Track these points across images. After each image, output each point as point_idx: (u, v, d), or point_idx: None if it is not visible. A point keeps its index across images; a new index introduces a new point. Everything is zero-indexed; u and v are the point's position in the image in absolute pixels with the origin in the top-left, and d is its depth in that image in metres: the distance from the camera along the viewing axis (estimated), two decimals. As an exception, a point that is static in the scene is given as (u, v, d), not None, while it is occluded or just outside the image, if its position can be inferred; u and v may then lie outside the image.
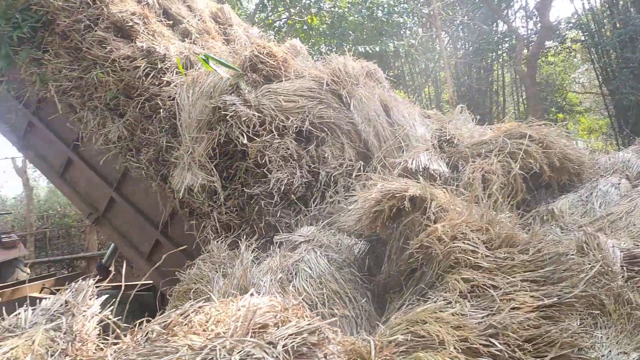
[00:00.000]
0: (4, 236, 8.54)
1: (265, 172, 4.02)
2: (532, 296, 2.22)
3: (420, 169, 3.87)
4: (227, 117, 4.09)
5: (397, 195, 2.85)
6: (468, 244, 2.51)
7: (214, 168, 4.12)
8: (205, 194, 4.11)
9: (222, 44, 5.80)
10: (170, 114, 4.54)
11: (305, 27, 13.24)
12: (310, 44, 14.13)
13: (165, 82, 4.62)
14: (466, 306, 2.21)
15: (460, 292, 2.33)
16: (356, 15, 12.19)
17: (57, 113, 5.16)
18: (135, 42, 4.73)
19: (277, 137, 4.12)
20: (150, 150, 4.59)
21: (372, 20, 12.46)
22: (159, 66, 4.65)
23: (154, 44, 4.72)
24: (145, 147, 4.65)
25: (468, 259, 2.45)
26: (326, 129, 4.35)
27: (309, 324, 1.86)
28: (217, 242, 3.91)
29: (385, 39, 11.89)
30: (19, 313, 2.38)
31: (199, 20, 5.80)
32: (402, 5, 12.56)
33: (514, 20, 17.36)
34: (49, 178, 6.18)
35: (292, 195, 4.00)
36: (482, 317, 2.15)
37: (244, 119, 4.08)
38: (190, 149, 4.21)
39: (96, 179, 5.30)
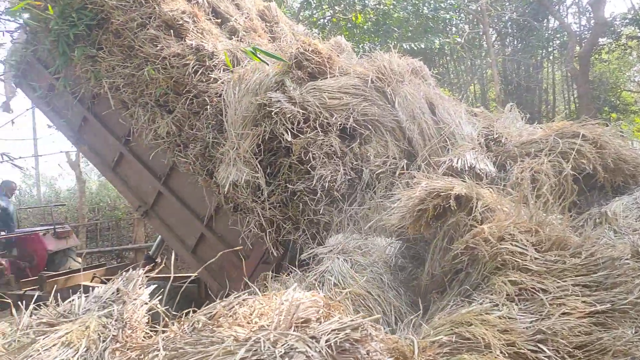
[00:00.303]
0: (58, 227, 8.95)
1: (309, 168, 4.04)
2: (583, 301, 2.14)
3: (466, 168, 3.79)
4: (272, 114, 4.14)
5: (442, 194, 2.81)
6: (516, 245, 2.44)
7: (258, 164, 4.17)
8: (250, 190, 4.17)
9: (268, 41, 5.86)
10: (217, 111, 4.63)
11: (349, 25, 13.19)
12: (354, 41, 14.08)
13: (212, 79, 4.71)
14: (514, 309, 2.15)
15: (507, 295, 2.27)
16: (401, 12, 12.04)
17: (109, 109, 5.35)
18: (185, 40, 4.84)
19: (321, 134, 4.13)
20: (197, 146, 4.69)
21: (417, 17, 12.29)
22: (207, 63, 4.75)
23: (202, 42, 4.83)
24: (192, 142, 4.75)
25: (516, 261, 2.39)
26: (370, 127, 4.33)
27: (352, 320, 1.86)
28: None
29: (431, 36, 11.70)
30: (73, 300, 2.49)
31: (246, 18, 5.88)
32: (448, 1, 12.31)
33: (566, 16, 16.77)
34: (102, 171, 6.42)
35: (335, 192, 4.00)
36: (531, 322, 2.09)
37: (289, 115, 4.11)
38: (235, 145, 4.28)
39: (145, 173, 5.46)
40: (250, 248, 4.50)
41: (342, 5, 12.87)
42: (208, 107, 4.65)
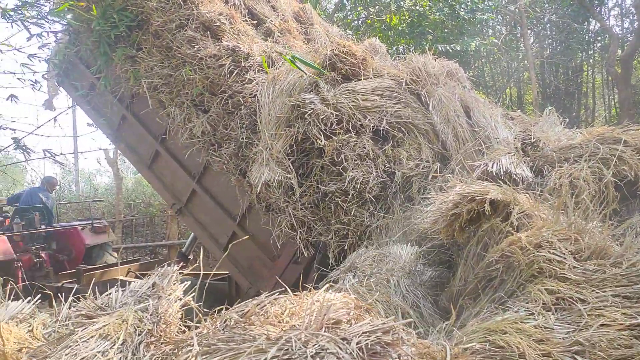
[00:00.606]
0: (96, 222, 9.21)
1: (341, 170, 4.04)
2: (623, 313, 2.06)
3: (502, 173, 3.72)
4: (305, 115, 4.16)
5: (477, 198, 2.76)
6: (554, 253, 2.38)
7: (290, 164, 4.20)
8: (282, 190, 4.20)
9: (302, 42, 5.89)
10: (251, 111, 4.68)
11: (384, 27, 13.13)
12: (388, 43, 14.00)
13: (247, 79, 4.77)
14: (550, 319, 2.09)
15: (543, 304, 2.21)
16: (437, 14, 11.90)
17: (147, 108, 5.48)
18: (222, 41, 4.92)
19: (353, 135, 4.13)
20: (230, 145, 4.75)
21: (453, 19, 12.13)
22: (243, 64, 4.81)
23: (238, 43, 4.89)
24: (226, 142, 4.82)
25: (553, 269, 2.32)
26: (403, 129, 4.30)
27: (383, 323, 1.85)
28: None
29: (467, 38, 11.52)
30: (110, 293, 2.56)
31: (281, 19, 5.93)
32: (486, 2, 12.09)
33: (608, 18, 16.24)
34: (138, 169, 6.57)
35: (367, 194, 3.99)
36: (568, 332, 2.03)
37: (322, 117, 4.13)
38: (268, 145, 4.32)
39: (180, 172, 5.56)
40: (281, 248, 4.53)
41: (377, 7, 12.81)
42: (242, 107, 4.71)
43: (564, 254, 2.38)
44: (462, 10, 11.78)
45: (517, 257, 2.45)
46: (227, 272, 5.77)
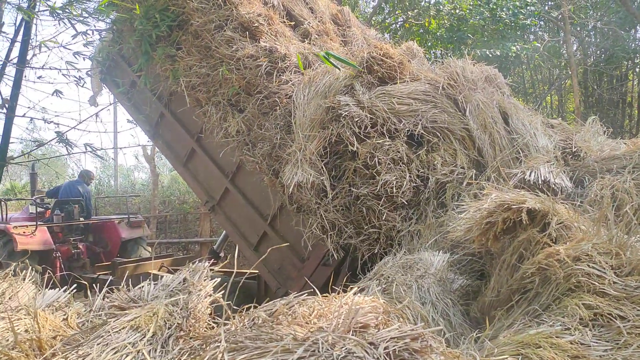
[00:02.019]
0: (132, 216, 9.44)
1: (374, 173, 4.01)
2: (667, 333, 1.97)
3: (540, 182, 3.62)
4: (340, 117, 4.15)
5: (514, 207, 2.68)
6: (593, 267, 2.29)
7: (323, 166, 4.20)
8: (314, 191, 4.19)
9: (339, 45, 5.89)
10: (286, 112, 4.71)
11: (422, 31, 12.99)
12: (426, 47, 13.85)
13: (283, 80, 4.79)
14: (587, 335, 2.02)
15: (580, 319, 2.13)
16: (478, 18, 11.68)
17: (185, 106, 5.57)
18: (259, 42, 4.96)
19: (388, 139, 4.09)
20: (265, 146, 4.77)
21: (494, 23, 11.89)
22: (279, 65, 4.84)
23: (275, 44, 4.93)
24: (260, 142, 4.85)
25: (592, 283, 2.24)
26: (439, 134, 4.23)
27: (412, 330, 1.82)
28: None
29: (508, 44, 11.26)
30: (143, 286, 2.61)
31: (319, 21, 5.94)
32: (529, 7, 11.78)
33: (657, 26, 15.57)
34: (174, 166, 6.68)
35: (399, 199, 3.94)
36: (605, 350, 1.95)
37: (356, 119, 4.11)
38: (302, 147, 4.32)
39: (214, 170, 5.62)
40: (311, 249, 4.52)
41: (416, 11, 12.69)
42: (277, 108, 4.73)
43: (604, 268, 2.29)
44: (503, 14, 11.53)
45: (554, 269, 2.37)
46: (256, 271, 5.80)
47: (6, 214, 8.28)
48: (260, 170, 4.89)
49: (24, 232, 7.50)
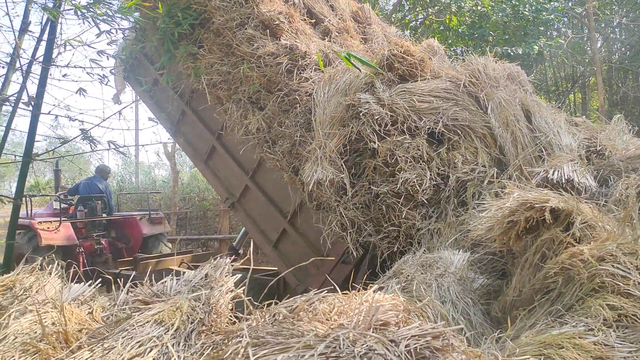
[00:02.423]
0: (153, 213, 9.58)
1: (394, 171, 4.00)
2: (694, 335, 1.93)
3: (563, 181, 3.57)
4: (360, 115, 4.14)
5: (536, 206, 2.65)
6: (618, 267, 2.25)
7: (343, 164, 4.20)
8: (333, 189, 4.20)
9: (359, 42, 5.87)
10: (306, 109, 4.72)
11: (442, 28, 12.87)
12: (446, 44, 13.71)
13: (303, 78, 4.80)
14: (611, 336, 1.99)
15: (604, 320, 2.10)
16: (500, 14, 11.51)
17: (206, 104, 5.61)
18: (280, 40, 4.98)
19: (408, 137, 4.07)
20: (285, 143, 4.79)
21: (516, 19, 11.72)
22: (300, 63, 4.85)
23: (296, 42, 4.94)
24: (280, 139, 4.86)
25: (617, 284, 2.20)
26: (460, 132, 4.20)
27: (433, 328, 1.81)
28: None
29: (530, 41, 11.07)
30: (165, 281, 2.65)
31: (339, 19, 5.94)
32: (552, 3, 11.57)
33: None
34: (195, 163, 6.74)
35: (420, 197, 3.92)
36: (630, 351, 1.92)
37: (376, 117, 4.10)
38: (322, 144, 4.33)
39: (234, 167, 5.66)
40: (330, 247, 4.53)
41: (436, 8, 12.56)
42: (298, 105, 4.74)
43: (629, 268, 2.25)
44: (525, 10, 11.34)
45: (577, 270, 2.34)
46: (275, 268, 5.84)
47: (31, 210, 8.46)
48: (280, 168, 4.90)
49: (49, 228, 7.67)
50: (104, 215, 9.07)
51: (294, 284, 5.06)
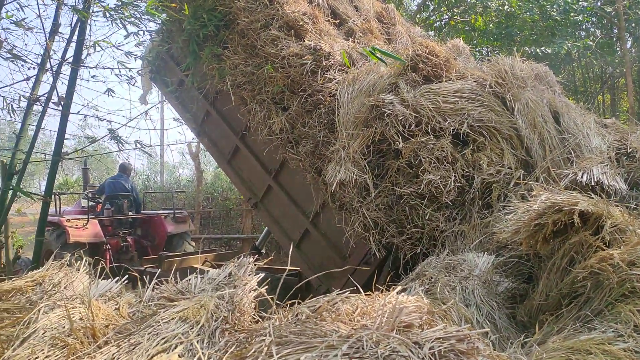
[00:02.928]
0: (178, 212, 9.69)
1: (419, 172, 3.97)
2: None
3: (592, 183, 3.49)
4: (384, 116, 4.12)
5: (565, 208, 2.60)
6: (650, 272, 2.19)
7: (366, 165, 4.18)
8: (357, 190, 4.18)
9: (384, 43, 5.85)
10: (329, 110, 4.71)
11: (467, 28, 12.72)
12: (472, 44, 13.54)
13: (327, 78, 4.80)
14: (642, 342, 1.94)
15: (635, 326, 2.05)
16: (527, 14, 11.31)
17: (230, 104, 5.65)
18: (304, 41, 4.99)
19: (432, 138, 4.04)
20: (308, 143, 4.78)
21: (544, 19, 11.50)
22: (323, 63, 4.85)
23: (320, 43, 4.94)
24: (304, 139, 4.87)
25: (649, 289, 2.14)
26: (485, 133, 4.14)
27: (458, 331, 1.79)
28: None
29: (559, 41, 10.84)
30: (190, 279, 2.69)
31: (363, 19, 5.92)
32: (580, 3, 11.32)
33: None
34: (218, 163, 6.78)
35: (443, 198, 3.88)
36: (662, 358, 1.87)
37: (400, 118, 4.07)
38: (345, 145, 4.32)
39: (257, 167, 5.68)
40: (353, 247, 4.52)
41: (462, 8, 12.41)
42: (322, 105, 4.74)
43: (662, 274, 2.19)
44: (554, 10, 11.12)
45: (607, 274, 2.29)
46: (297, 268, 5.85)
47: (60, 208, 8.66)
48: (303, 169, 4.90)
49: (77, 225, 7.83)
50: (131, 213, 9.22)
51: (316, 284, 5.06)
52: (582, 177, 3.51)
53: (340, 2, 5.85)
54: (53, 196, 7.10)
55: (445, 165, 3.96)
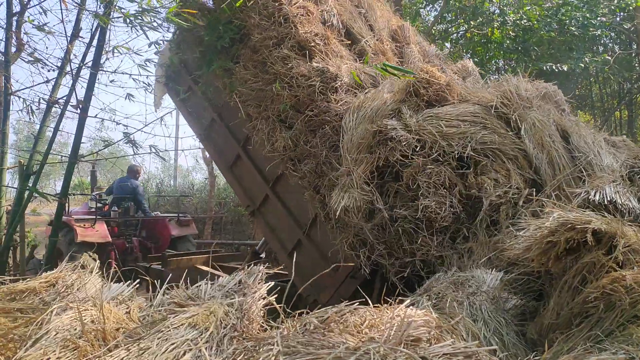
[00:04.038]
0: (182, 215, 10.01)
1: (415, 196, 3.99)
2: None
3: (605, 202, 3.45)
4: (388, 141, 4.16)
5: (578, 226, 2.58)
6: (663, 294, 2.17)
7: (374, 189, 4.18)
8: (361, 215, 4.17)
9: (395, 63, 5.85)
10: (333, 131, 4.75)
11: (484, 40, 12.69)
12: (487, 57, 13.53)
13: (333, 99, 4.82)
14: (653, 366, 1.91)
15: (646, 349, 2.02)
16: (545, 29, 11.26)
17: (236, 117, 5.70)
18: (312, 62, 5.00)
19: (434, 163, 4.05)
20: (310, 162, 4.83)
21: (562, 34, 11.45)
22: (331, 85, 4.86)
23: (327, 65, 4.95)
24: (306, 158, 4.90)
25: (661, 312, 2.12)
26: (490, 155, 4.13)
27: (466, 347, 1.79)
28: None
29: (576, 57, 10.76)
30: (200, 285, 2.71)
31: (377, 40, 5.95)
32: (599, 18, 11.23)
33: None
34: (220, 169, 6.92)
35: (437, 225, 3.90)
36: (673, 383, 1.84)
37: (404, 143, 4.10)
38: (350, 170, 4.32)
39: (257, 176, 5.74)
40: (343, 260, 4.55)
41: (479, 20, 12.40)
42: (326, 125, 4.75)
43: (675, 296, 2.16)
44: (572, 26, 11.05)
45: (619, 295, 2.26)
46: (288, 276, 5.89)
47: (68, 208, 8.86)
48: (302, 185, 4.94)
49: (84, 225, 8.03)
50: (136, 215, 9.49)
51: (304, 293, 5.10)
52: (594, 195, 3.48)
53: (355, 22, 5.86)
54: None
55: (441, 191, 3.96)
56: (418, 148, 4.09)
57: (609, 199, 3.46)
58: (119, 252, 8.50)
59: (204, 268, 7.51)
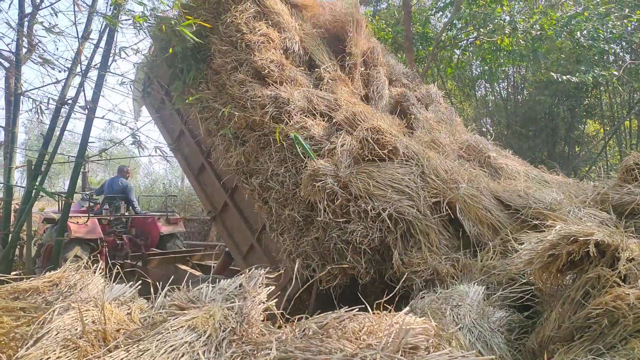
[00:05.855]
0: (170, 213, 10.26)
1: (346, 221, 4.24)
2: None
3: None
4: (315, 187, 4.36)
5: (580, 239, 2.56)
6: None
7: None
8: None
9: (353, 89, 6.02)
10: (278, 148, 5.01)
11: (494, 48, 12.66)
12: (497, 65, 13.49)
13: (284, 121, 5.03)
14: (654, 381, 1.89)
15: (648, 363, 2.00)
16: (558, 39, 11.22)
17: (199, 134, 6.03)
18: (266, 88, 5.25)
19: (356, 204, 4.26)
20: (259, 177, 5.15)
21: (572, 45, 11.40)
22: (284, 108, 5.09)
23: (279, 92, 5.18)
24: (256, 173, 5.23)
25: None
26: (402, 224, 4.18)
27: (464, 356, 1.78)
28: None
29: (585, 69, 10.69)
30: (201, 288, 2.72)
31: (340, 65, 6.14)
32: (609, 30, 11.15)
33: None
34: (187, 176, 7.27)
35: (364, 247, 4.08)
36: (674, 399, 1.82)
37: (328, 191, 4.31)
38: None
39: (217, 185, 6.12)
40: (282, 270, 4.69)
41: (489, 28, 12.36)
42: (273, 145, 5.03)
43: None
44: (582, 37, 10.98)
45: (622, 312, 2.25)
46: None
47: (59, 207, 9.02)
48: (252, 197, 5.27)
49: (77, 222, 8.18)
50: (127, 213, 9.79)
51: None
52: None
53: (318, 48, 6.13)
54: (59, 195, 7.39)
55: (368, 222, 4.13)
56: (342, 199, 4.30)
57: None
58: (110, 249, 8.76)
59: (183, 267, 8.08)
